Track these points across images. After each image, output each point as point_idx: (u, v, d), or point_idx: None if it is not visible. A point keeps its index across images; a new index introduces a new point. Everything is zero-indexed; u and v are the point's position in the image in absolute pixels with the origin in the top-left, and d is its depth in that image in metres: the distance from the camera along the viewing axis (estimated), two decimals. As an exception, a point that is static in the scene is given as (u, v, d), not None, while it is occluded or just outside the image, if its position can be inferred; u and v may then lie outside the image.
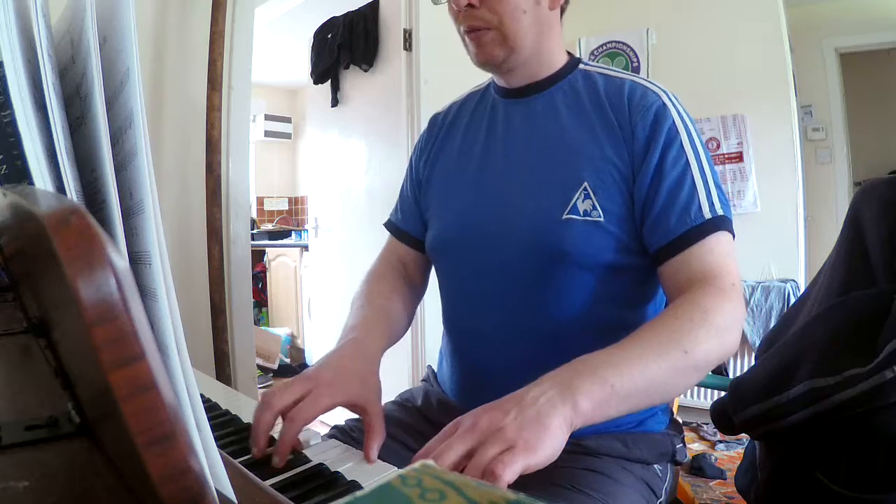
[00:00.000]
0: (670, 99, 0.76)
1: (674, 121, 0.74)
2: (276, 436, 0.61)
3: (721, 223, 0.70)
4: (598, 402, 0.54)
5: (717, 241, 0.69)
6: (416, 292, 0.95)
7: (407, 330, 0.90)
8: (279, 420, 0.61)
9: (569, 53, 0.86)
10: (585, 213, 0.74)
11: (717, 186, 0.72)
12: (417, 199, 0.95)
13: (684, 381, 0.62)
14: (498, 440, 0.49)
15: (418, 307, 0.97)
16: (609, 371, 0.56)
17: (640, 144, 0.74)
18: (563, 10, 0.84)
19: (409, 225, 0.95)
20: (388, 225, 0.99)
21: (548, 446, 0.50)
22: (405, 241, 0.96)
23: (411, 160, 0.98)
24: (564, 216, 0.74)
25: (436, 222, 0.89)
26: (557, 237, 0.74)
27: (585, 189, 0.74)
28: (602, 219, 0.73)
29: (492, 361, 0.80)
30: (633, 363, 0.57)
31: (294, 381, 0.65)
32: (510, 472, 0.46)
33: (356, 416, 0.68)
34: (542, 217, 0.75)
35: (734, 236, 0.72)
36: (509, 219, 0.78)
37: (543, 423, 0.51)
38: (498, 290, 0.79)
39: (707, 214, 0.70)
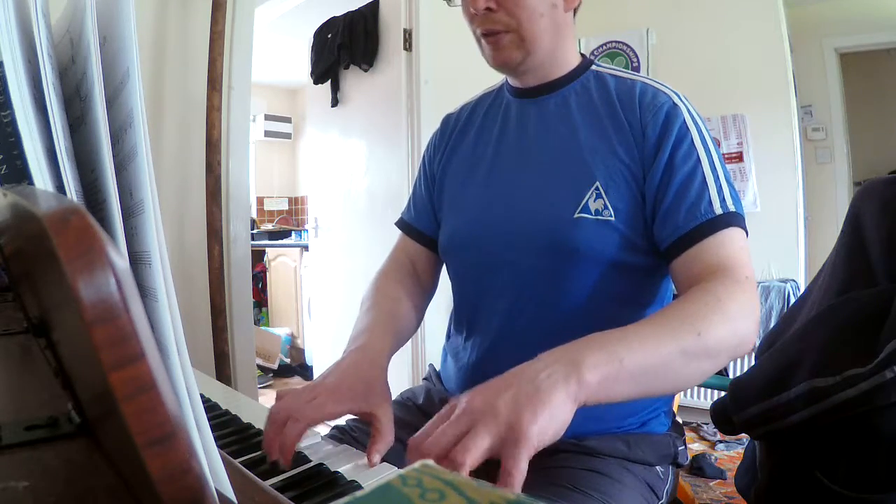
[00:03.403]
0: (681, 100, 0.77)
1: (684, 120, 0.74)
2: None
3: (732, 219, 0.69)
4: (606, 376, 0.52)
5: (729, 237, 0.69)
6: (425, 291, 0.95)
7: (416, 329, 0.90)
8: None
9: (581, 55, 0.86)
10: (597, 213, 0.74)
11: (729, 184, 0.72)
12: (431, 197, 0.95)
13: (696, 366, 0.60)
14: (491, 420, 0.47)
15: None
16: (619, 346, 0.55)
17: (651, 144, 0.74)
18: (576, 12, 0.84)
19: (421, 223, 0.95)
20: (400, 223, 0.99)
21: (546, 421, 0.48)
22: (417, 239, 0.95)
23: (424, 158, 0.98)
24: (576, 215, 0.74)
25: (449, 221, 0.89)
26: (568, 235, 0.74)
27: (597, 188, 0.75)
28: (613, 218, 0.74)
29: (501, 357, 0.80)
30: (644, 341, 0.56)
31: (300, 389, 0.65)
32: (471, 458, 0.45)
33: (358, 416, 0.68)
34: (554, 215, 0.76)
35: (747, 233, 0.71)
36: (521, 217, 0.79)
37: (542, 398, 0.49)
38: (509, 288, 0.80)
39: (718, 210, 0.69)
